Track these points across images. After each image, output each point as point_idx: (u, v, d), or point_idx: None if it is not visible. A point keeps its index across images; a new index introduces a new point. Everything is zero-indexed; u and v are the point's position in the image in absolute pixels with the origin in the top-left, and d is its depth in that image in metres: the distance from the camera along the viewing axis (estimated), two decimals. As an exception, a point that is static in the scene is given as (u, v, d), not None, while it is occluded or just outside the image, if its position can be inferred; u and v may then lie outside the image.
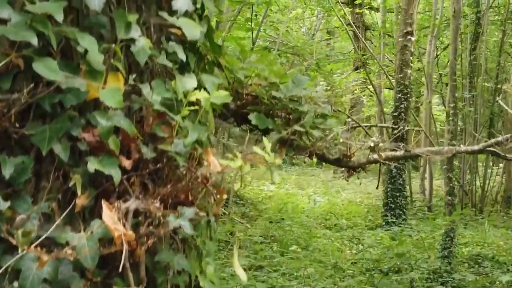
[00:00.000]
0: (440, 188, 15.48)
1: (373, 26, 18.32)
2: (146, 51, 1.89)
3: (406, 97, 11.86)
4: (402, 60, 11.85)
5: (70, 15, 1.85)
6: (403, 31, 11.82)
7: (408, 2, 11.77)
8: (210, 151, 1.90)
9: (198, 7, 2.10)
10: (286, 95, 2.93)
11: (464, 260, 9.43)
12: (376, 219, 12.39)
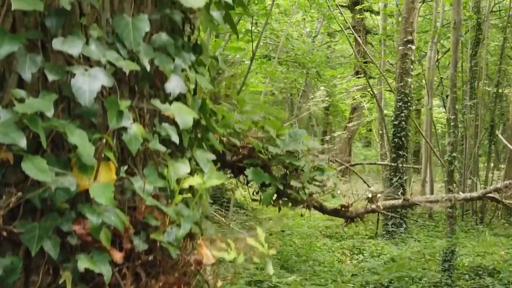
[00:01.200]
0: (441, 192, 15.43)
1: (374, 29, 18.25)
2: (138, 139, 1.86)
3: (407, 106, 11.81)
4: (403, 69, 11.80)
5: (61, 104, 1.83)
6: (403, 40, 11.75)
7: (409, 10, 11.71)
8: (203, 243, 1.87)
9: (192, 88, 2.07)
10: (283, 150, 2.90)
11: (465, 271, 9.40)
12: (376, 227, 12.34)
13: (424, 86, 14.73)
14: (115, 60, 1.83)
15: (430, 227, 13.07)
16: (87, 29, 1.88)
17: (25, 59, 1.75)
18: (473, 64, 13.62)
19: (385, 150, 14.33)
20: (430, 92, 13.84)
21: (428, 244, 11.23)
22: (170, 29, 2.14)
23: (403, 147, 11.90)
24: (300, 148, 2.88)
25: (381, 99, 14.35)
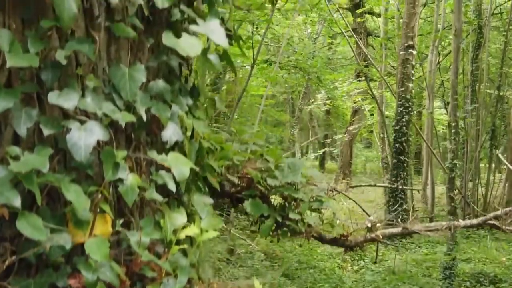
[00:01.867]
0: (442, 195, 15.41)
1: (375, 32, 18.20)
2: (134, 190, 1.85)
3: (408, 111, 11.79)
4: (404, 74, 11.77)
5: (57, 156, 1.82)
6: (404, 45, 11.73)
7: (409, 15, 11.68)
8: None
9: (188, 135, 2.06)
10: (281, 181, 2.89)
11: (466, 278, 9.39)
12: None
13: (425, 89, 14.69)
14: (111, 112, 1.82)
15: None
16: (83, 79, 1.87)
17: (21, 114, 1.74)
18: (474, 67, 13.59)
19: (386, 154, 14.29)
20: (431, 95, 13.81)
21: (429, 249, 11.23)
22: (167, 72, 2.13)
23: (404, 152, 11.88)
24: (299, 180, 2.86)
25: (382, 103, 14.31)
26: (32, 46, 1.74)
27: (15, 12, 1.78)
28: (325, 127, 24.11)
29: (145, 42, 2.00)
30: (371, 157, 22.18)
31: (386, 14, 14.58)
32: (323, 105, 17.79)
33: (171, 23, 2.04)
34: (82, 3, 1.87)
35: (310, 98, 19.97)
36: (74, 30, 1.85)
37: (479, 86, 13.69)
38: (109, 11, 1.92)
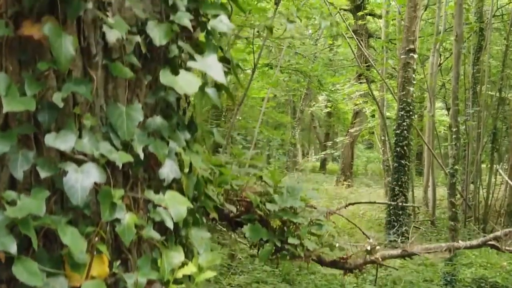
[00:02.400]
0: (443, 197, 15.41)
1: (377, 33, 18.18)
2: (131, 230, 1.85)
3: (409, 115, 11.76)
4: (405, 77, 11.75)
5: (54, 196, 1.81)
6: (405, 48, 11.70)
7: (410, 19, 11.65)
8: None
9: (186, 171, 2.05)
10: (280, 207, 2.88)
11: (467, 283, 9.38)
12: (378, 237, 12.33)
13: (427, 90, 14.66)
14: (108, 153, 1.82)
15: (433, 234, 13.04)
16: (80, 118, 1.86)
17: (17, 156, 1.74)
18: (475, 70, 13.58)
19: (387, 156, 14.29)
20: (432, 98, 13.80)
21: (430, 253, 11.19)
22: (165, 107, 2.13)
23: (405, 156, 11.86)
24: (298, 205, 2.86)
25: (383, 106, 14.30)
26: (29, 89, 1.74)
27: (12, 54, 1.78)
28: (326, 127, 24.09)
29: (143, 79, 2.00)
30: (373, 158, 22.18)
31: (387, 17, 14.55)
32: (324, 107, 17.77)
33: (168, 59, 2.04)
34: (80, 42, 1.87)
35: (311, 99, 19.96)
36: (71, 69, 1.85)
37: (481, 88, 13.67)
38: (107, 50, 1.92)
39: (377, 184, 19.33)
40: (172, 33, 1.99)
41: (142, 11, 1.96)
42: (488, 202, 13.38)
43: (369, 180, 20.68)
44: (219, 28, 2.07)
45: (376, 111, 15.60)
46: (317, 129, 24.07)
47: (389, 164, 13.82)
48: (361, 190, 18.01)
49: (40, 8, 1.79)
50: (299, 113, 20.77)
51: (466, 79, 14.12)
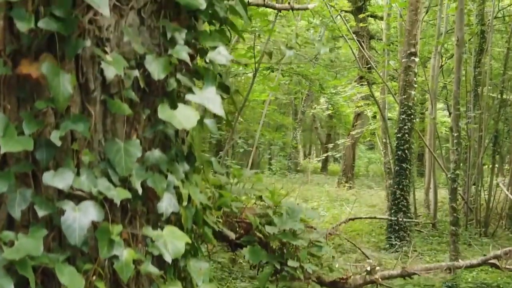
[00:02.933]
0: (445, 199, 15.38)
1: (378, 35, 18.15)
2: (129, 266, 1.85)
3: (410, 118, 11.75)
4: (406, 81, 11.73)
5: (52, 233, 1.82)
6: (406, 52, 11.68)
7: (412, 23, 11.63)
8: None
9: (184, 205, 2.05)
10: (280, 229, 2.88)
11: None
12: (380, 240, 12.34)
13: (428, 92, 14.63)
14: (106, 190, 1.82)
15: (434, 237, 13.03)
16: (79, 153, 1.86)
17: (15, 195, 1.74)
18: (476, 73, 13.56)
19: (389, 159, 14.27)
20: (434, 101, 13.78)
21: (431, 257, 11.22)
22: (163, 139, 2.13)
23: (407, 160, 11.85)
24: (298, 227, 2.86)
25: (385, 108, 14.28)
26: (27, 128, 1.74)
27: (10, 92, 1.78)
28: (328, 128, 24.07)
29: (141, 113, 2.00)
30: (374, 159, 22.15)
31: (388, 20, 14.52)
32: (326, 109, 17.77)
33: (167, 92, 2.04)
34: (78, 78, 1.87)
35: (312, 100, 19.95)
36: (69, 105, 1.85)
37: (482, 90, 13.65)
38: (105, 85, 1.92)
39: (378, 186, 19.32)
40: (171, 66, 1.99)
41: (141, 45, 1.96)
42: (489, 205, 13.36)
43: (371, 181, 20.67)
44: (218, 60, 2.07)
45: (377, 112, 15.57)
46: (319, 130, 24.06)
47: (390, 166, 13.80)
48: (363, 192, 18.01)
49: (38, 46, 1.79)
50: (301, 114, 20.75)
51: (468, 82, 14.10)
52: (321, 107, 17.29)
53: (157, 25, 2.06)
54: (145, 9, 2.03)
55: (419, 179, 20.70)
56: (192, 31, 2.10)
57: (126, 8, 1.96)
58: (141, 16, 2.02)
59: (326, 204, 16.32)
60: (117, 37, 1.94)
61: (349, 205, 16.05)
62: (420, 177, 20.79)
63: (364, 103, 15.70)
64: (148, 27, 2.04)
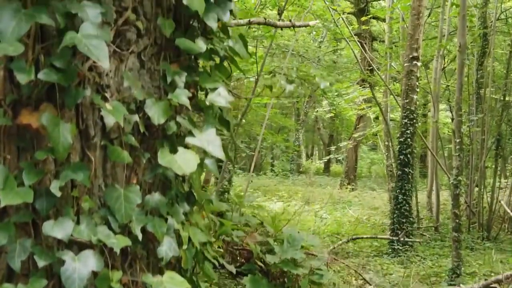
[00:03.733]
0: (447, 201, 15.36)
1: (380, 36, 18.12)
2: (130, 313, 1.85)
3: (412, 123, 11.72)
4: (408, 85, 11.70)
5: (52, 281, 1.82)
6: (409, 56, 11.66)
7: (414, 27, 11.60)
8: None
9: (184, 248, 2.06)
10: (281, 258, 2.88)
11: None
12: (382, 244, 12.33)
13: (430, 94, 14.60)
14: (106, 238, 1.83)
15: (436, 241, 13.02)
16: (78, 200, 1.87)
17: (15, 246, 1.75)
18: (479, 76, 13.53)
19: (391, 161, 14.25)
20: (436, 104, 13.75)
21: (434, 262, 11.22)
22: (163, 179, 2.13)
23: (409, 164, 11.83)
24: (299, 256, 2.86)
25: (387, 112, 14.26)
26: (27, 178, 1.74)
27: (10, 141, 1.78)
28: (330, 129, 24.06)
29: (141, 157, 2.00)
30: (377, 160, 22.13)
31: (391, 23, 14.49)
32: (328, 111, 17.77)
33: (167, 135, 2.04)
34: (78, 125, 1.87)
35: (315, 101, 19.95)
36: (69, 152, 1.85)
37: (485, 92, 13.63)
38: (105, 130, 1.92)
39: (380, 188, 19.29)
40: (171, 110, 1.99)
41: (141, 90, 1.96)
42: (492, 208, 13.34)
43: (373, 183, 20.64)
44: (218, 102, 2.07)
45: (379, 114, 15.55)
46: (321, 131, 24.04)
47: (393, 169, 13.78)
48: (365, 194, 17.98)
49: (38, 95, 1.79)
50: (303, 115, 20.75)
51: (470, 84, 14.08)
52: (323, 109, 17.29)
53: (157, 68, 2.06)
54: (145, 52, 2.03)
55: (421, 180, 20.69)
56: (192, 73, 2.10)
57: (126, 53, 1.96)
58: (141, 59, 2.02)
59: (329, 206, 16.31)
60: (117, 82, 1.94)
61: (351, 208, 16.09)
62: (422, 178, 20.77)
63: (367, 106, 15.68)
64: (148, 70, 2.04)
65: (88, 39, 1.69)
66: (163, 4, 2.05)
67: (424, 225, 14.40)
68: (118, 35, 1.94)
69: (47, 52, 1.80)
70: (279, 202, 16.10)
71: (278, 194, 16.70)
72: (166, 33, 1.99)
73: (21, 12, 1.70)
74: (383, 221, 14.67)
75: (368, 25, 16.03)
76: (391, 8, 13.62)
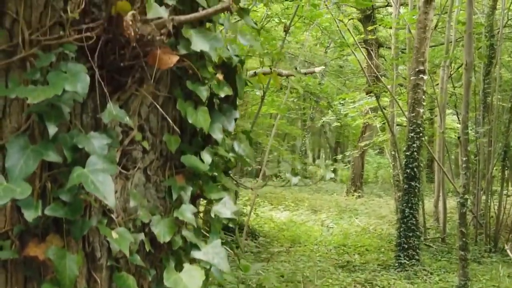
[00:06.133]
0: (454, 209, 15.34)
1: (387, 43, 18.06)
2: None
3: (419, 136, 11.71)
4: (414, 99, 11.69)
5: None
6: (415, 70, 11.63)
7: (420, 40, 11.57)
8: None
9: None
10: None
11: (478, 309, 9.41)
12: (389, 257, 12.34)
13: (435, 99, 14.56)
14: None
15: (443, 253, 13.02)
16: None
17: None
18: (486, 85, 13.49)
19: (397, 171, 14.23)
20: (443, 115, 13.72)
21: (440, 277, 11.23)
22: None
23: (415, 178, 11.82)
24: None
25: (393, 123, 14.23)
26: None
27: (17, 271, 1.80)
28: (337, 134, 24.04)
29: (147, 275, 2.02)
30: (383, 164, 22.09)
31: (397, 34, 14.44)
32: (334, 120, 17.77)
33: (173, 251, 2.06)
34: (84, 247, 1.89)
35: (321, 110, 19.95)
36: (76, 276, 1.87)
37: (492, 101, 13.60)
38: (111, 251, 1.93)
39: (387, 194, 19.30)
40: (176, 226, 2.00)
41: (147, 209, 1.97)
42: (499, 219, 13.32)
43: (380, 189, 20.65)
44: (223, 214, 2.08)
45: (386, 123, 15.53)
46: (328, 134, 24.02)
47: (399, 178, 13.77)
48: (371, 201, 17.98)
49: (45, 226, 1.81)
50: (309, 120, 20.74)
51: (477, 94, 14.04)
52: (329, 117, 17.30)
53: (163, 180, 2.07)
54: (151, 166, 2.04)
55: (428, 185, 20.67)
56: (198, 182, 2.11)
57: (132, 172, 1.98)
58: (147, 174, 2.04)
59: (335, 216, 16.32)
60: (123, 201, 1.96)
61: (357, 217, 16.09)
62: (429, 184, 20.74)
63: (373, 115, 15.67)
64: (154, 183, 2.06)
65: (94, 175, 1.71)
66: (168, 116, 2.07)
67: (431, 235, 14.41)
68: (124, 154, 1.95)
69: (54, 180, 1.82)
70: (285, 212, 16.12)
71: (285, 203, 16.73)
72: (172, 149, 2.00)
73: (28, 148, 1.72)
74: (389, 232, 14.68)
75: (375, 34, 15.98)
76: (397, 20, 13.58)
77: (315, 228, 14.86)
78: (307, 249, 12.85)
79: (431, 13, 11.86)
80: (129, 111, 1.94)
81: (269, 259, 11.86)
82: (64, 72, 1.74)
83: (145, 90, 1.94)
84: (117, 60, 1.81)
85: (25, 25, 1.78)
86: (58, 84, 1.69)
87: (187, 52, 1.94)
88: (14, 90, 1.70)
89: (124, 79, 1.88)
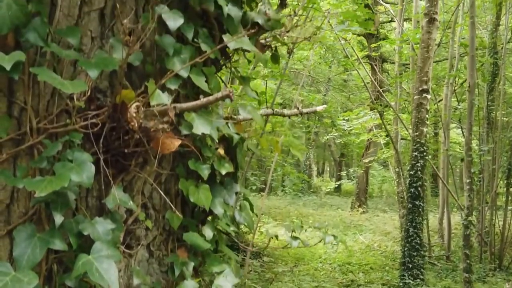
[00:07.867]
0: (459, 225, 15.33)
1: (390, 59, 18.12)
2: None
3: (423, 155, 11.72)
4: (418, 118, 11.70)
5: None
6: (418, 89, 11.67)
7: (424, 60, 11.61)
8: None
9: None
10: None
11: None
12: (393, 277, 12.33)
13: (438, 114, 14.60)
14: None
15: (448, 271, 13.00)
16: None
17: None
18: (489, 102, 13.52)
19: (402, 188, 14.25)
20: (447, 132, 13.75)
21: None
22: None
23: (419, 197, 11.82)
24: None
25: (397, 141, 14.26)
26: None
27: None
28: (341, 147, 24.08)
29: None
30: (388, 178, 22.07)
31: (400, 53, 14.50)
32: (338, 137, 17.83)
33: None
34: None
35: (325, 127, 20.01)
36: None
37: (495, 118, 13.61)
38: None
39: (392, 209, 19.28)
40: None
41: (150, 286, 2.03)
42: (504, 237, 13.30)
43: (384, 203, 20.64)
44: (224, 287, 2.13)
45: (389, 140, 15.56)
46: (332, 147, 24.07)
47: (404, 196, 13.77)
48: (376, 217, 17.97)
49: None
50: (314, 135, 20.79)
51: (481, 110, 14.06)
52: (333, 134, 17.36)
53: (166, 254, 2.13)
54: (154, 242, 2.10)
55: (433, 199, 20.64)
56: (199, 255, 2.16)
57: (135, 248, 2.03)
58: (150, 250, 2.09)
59: (339, 232, 16.31)
60: (126, 278, 2.01)
61: (362, 234, 16.08)
62: (434, 198, 20.71)
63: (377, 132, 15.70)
64: (157, 258, 2.11)
65: (99, 262, 1.76)
66: (171, 192, 2.12)
67: (435, 253, 14.38)
68: (128, 233, 2.01)
69: (59, 262, 1.87)
70: (290, 228, 16.07)
71: (289, 219, 16.73)
72: (174, 227, 2.06)
73: (35, 237, 1.77)
74: (394, 249, 14.66)
75: (378, 51, 16.03)
76: (401, 38, 13.63)
77: (320, 246, 14.85)
78: (311, 267, 12.85)
79: (434, 32, 11.90)
80: (133, 191, 2.00)
81: (273, 279, 11.87)
82: (70, 161, 1.80)
83: (148, 171, 2.00)
84: (122, 146, 1.87)
85: (33, 114, 1.84)
86: (64, 175, 1.74)
87: (188, 133, 2.00)
88: (22, 181, 1.76)
89: (128, 162, 1.94)
